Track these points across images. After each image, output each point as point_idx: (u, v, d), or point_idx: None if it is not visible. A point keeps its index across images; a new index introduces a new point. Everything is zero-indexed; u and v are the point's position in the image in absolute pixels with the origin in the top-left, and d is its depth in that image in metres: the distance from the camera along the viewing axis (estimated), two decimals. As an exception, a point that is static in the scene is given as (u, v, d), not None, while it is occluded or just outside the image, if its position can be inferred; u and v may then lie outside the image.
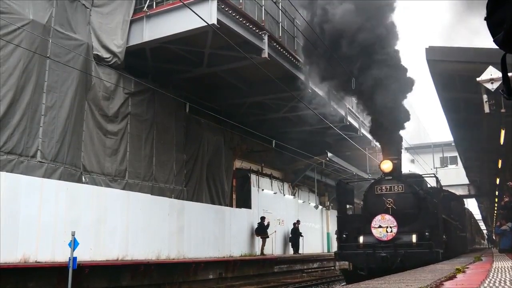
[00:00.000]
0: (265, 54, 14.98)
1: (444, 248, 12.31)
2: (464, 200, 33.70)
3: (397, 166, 12.51)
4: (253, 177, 23.08)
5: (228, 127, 19.66)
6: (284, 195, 26.11)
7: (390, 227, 11.39)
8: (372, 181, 13.41)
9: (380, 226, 11.51)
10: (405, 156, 27.24)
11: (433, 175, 14.06)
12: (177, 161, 17.68)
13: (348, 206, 15.26)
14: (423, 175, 15.25)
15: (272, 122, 21.53)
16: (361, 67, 12.61)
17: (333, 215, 26.77)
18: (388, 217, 11.51)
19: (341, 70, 12.88)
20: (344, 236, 12.54)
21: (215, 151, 20.08)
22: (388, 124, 12.74)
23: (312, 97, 18.23)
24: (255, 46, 14.94)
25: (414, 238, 11.37)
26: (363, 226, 12.26)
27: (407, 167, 27.94)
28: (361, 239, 12.01)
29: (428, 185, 15.21)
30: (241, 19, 14.25)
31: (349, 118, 23.24)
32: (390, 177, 12.31)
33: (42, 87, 12.72)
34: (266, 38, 15.10)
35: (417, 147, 37.43)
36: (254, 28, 14.74)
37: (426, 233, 11.24)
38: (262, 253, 21.30)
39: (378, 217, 11.60)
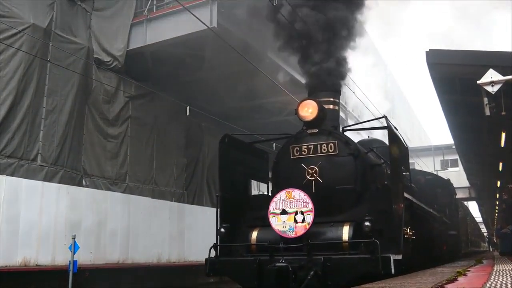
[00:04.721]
0: (267, 58, 14.98)
1: (411, 250, 7.93)
2: (465, 203, 33.60)
3: (328, 112, 7.84)
4: (254, 180, 23.03)
5: (229, 130, 19.63)
6: (285, 198, 26.03)
7: (302, 213, 6.62)
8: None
9: (284, 212, 6.74)
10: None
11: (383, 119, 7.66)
12: (177, 165, 17.68)
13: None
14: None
15: (273, 125, 21.52)
16: None
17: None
18: (298, 194, 6.74)
19: None
20: (222, 230, 7.36)
21: (215, 154, 20.05)
22: (315, 30, 8.27)
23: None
24: (257, 50, 14.94)
25: (345, 232, 6.68)
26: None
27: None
28: (253, 235, 7.26)
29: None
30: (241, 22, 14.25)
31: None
32: (315, 130, 7.62)
33: (42, 91, 12.75)
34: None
35: (417, 150, 37.46)
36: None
37: (366, 224, 6.31)
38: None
39: (281, 195, 6.83)
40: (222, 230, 7.40)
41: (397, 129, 7.68)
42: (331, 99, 8.17)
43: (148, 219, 14.99)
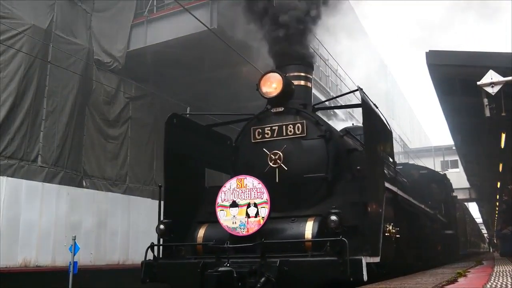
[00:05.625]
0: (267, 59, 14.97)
1: (395, 251, 6.81)
2: (466, 203, 33.55)
3: (299, 89, 6.79)
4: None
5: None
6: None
7: (255, 206, 5.53)
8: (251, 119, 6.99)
9: (234, 204, 5.67)
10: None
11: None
12: (177, 165, 17.69)
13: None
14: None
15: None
16: None
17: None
18: (251, 182, 5.64)
19: None
20: (161, 227, 6.25)
21: (215, 155, 20.06)
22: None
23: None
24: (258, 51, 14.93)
25: (308, 229, 5.54)
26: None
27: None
28: (200, 233, 6.20)
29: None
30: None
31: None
32: (281, 109, 6.56)
33: (43, 92, 12.76)
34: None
35: (418, 151, 37.48)
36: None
37: (332, 218, 5.21)
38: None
39: (231, 183, 5.76)
40: (162, 226, 6.26)
41: (377, 107, 6.69)
42: (302, 74, 6.97)
43: (148, 219, 14.96)
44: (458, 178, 29.77)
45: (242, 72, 16.63)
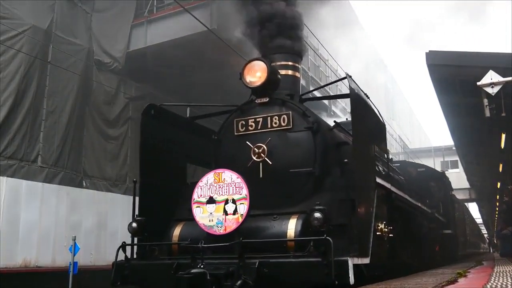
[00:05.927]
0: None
1: (388, 252, 6.55)
2: (466, 204, 33.54)
3: (286, 78, 6.48)
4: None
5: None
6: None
7: (234, 202, 5.17)
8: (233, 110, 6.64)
9: (211, 200, 5.29)
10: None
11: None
12: (177, 166, 17.68)
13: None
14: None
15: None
16: None
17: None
18: (229, 176, 5.28)
19: None
20: (134, 225, 5.85)
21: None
22: None
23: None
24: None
25: (291, 227, 5.17)
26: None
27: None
28: (176, 231, 5.82)
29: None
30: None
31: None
32: (265, 99, 6.19)
33: (43, 92, 12.77)
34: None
35: (418, 151, 37.49)
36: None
37: (316, 216, 4.82)
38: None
39: (208, 178, 5.39)
40: (134, 225, 5.83)
41: (368, 97, 6.24)
42: (290, 63, 6.65)
43: (148, 220, 15.00)
44: (458, 178, 29.76)
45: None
